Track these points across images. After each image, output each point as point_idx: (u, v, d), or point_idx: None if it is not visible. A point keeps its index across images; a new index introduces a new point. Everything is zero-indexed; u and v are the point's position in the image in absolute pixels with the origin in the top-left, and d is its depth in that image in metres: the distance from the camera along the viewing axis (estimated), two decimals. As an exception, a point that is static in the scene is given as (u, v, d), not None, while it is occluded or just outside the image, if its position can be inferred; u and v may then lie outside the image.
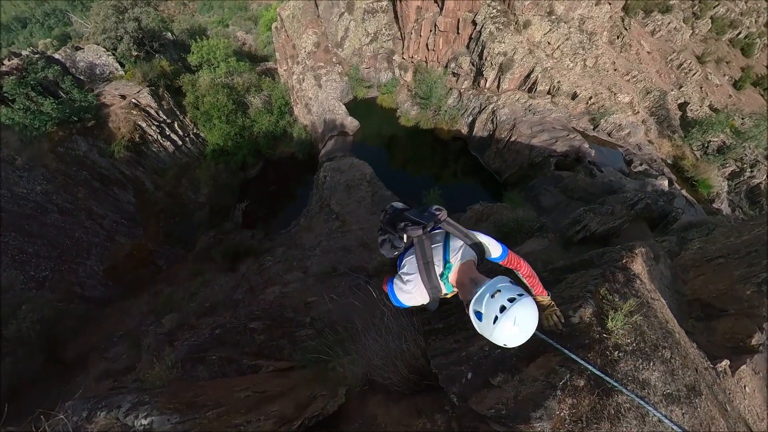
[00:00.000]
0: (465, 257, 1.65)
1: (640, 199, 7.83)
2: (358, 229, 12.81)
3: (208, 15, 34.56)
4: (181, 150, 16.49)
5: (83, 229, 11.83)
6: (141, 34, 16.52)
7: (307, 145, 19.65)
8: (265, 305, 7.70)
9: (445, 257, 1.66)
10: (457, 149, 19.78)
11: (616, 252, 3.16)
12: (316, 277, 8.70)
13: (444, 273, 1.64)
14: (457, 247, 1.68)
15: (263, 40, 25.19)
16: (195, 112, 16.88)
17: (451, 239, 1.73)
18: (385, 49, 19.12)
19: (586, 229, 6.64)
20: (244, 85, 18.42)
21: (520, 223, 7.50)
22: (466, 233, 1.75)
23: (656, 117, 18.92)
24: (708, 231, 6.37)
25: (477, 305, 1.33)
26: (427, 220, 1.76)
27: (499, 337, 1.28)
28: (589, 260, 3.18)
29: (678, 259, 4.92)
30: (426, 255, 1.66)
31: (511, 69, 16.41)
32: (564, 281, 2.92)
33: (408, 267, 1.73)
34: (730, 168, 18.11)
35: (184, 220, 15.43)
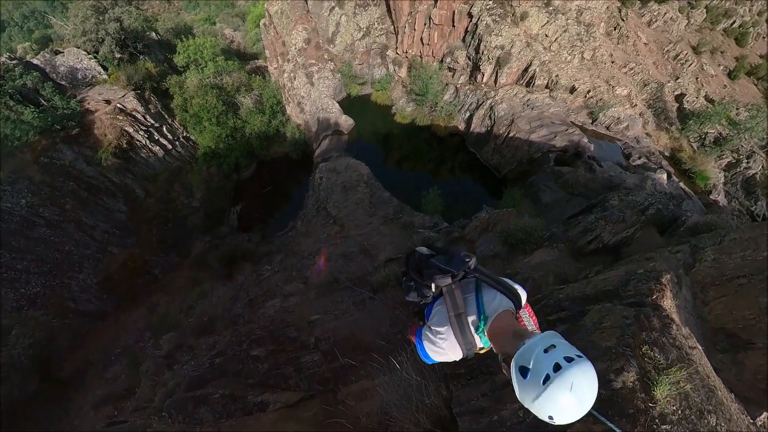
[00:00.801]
0: (500, 307, 1.54)
1: (650, 204, 7.66)
2: (358, 234, 12.52)
3: (194, 13, 33.39)
4: (171, 154, 15.98)
5: (73, 241, 11.42)
6: (123, 35, 15.80)
7: (301, 144, 19.21)
8: (266, 322, 7.46)
9: (479, 308, 1.56)
10: (454, 146, 19.51)
11: (643, 283, 2.99)
12: (317, 290, 8.45)
13: (479, 326, 1.52)
14: (492, 296, 1.59)
15: (252, 38, 24.41)
16: (184, 115, 16.32)
17: (483, 288, 1.63)
18: (378, 44, 18.60)
19: (598, 240, 6.46)
20: (233, 85, 17.83)
21: (529, 232, 7.26)
22: (498, 281, 1.64)
23: (653, 109, 18.90)
24: (720, 238, 6.21)
25: (522, 359, 1.14)
26: (456, 269, 1.64)
27: (546, 405, 1.03)
28: (614, 291, 3.03)
29: (694, 273, 4.74)
30: (457, 306, 1.55)
31: (509, 63, 16.06)
32: (588, 315, 2.75)
33: (438, 318, 1.64)
34: (726, 159, 18.24)
35: (178, 226, 15.04)
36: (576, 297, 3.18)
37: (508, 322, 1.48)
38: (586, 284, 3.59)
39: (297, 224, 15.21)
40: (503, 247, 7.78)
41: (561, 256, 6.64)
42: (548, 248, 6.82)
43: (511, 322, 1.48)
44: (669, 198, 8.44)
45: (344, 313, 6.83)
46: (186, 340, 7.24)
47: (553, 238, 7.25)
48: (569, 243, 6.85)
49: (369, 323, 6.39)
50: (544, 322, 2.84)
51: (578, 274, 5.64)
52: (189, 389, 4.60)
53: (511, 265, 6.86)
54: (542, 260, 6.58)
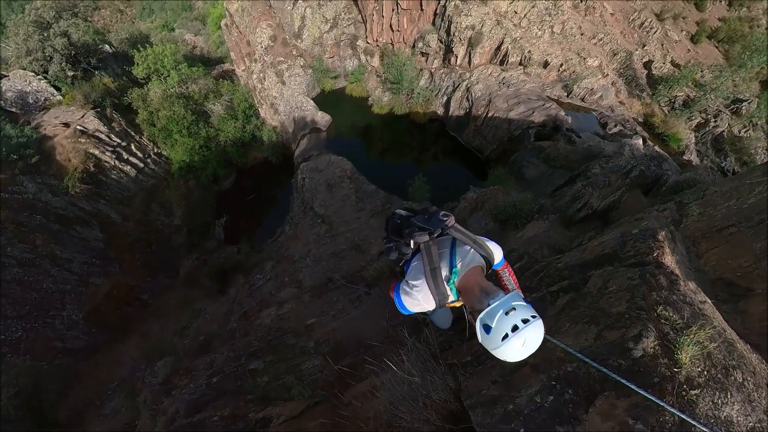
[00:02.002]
0: (472, 262, 1.64)
1: (633, 166, 7.76)
2: (347, 230, 12.36)
3: (150, 20, 31.62)
4: (144, 173, 15.24)
5: (50, 278, 10.79)
6: (73, 50, 14.76)
7: (279, 147, 18.69)
8: (263, 332, 7.25)
9: (451, 262, 1.65)
10: (434, 131, 19.36)
11: (641, 242, 2.94)
12: (311, 292, 8.27)
13: (450, 278, 1.62)
14: (465, 252, 1.68)
15: (215, 41, 23.35)
16: (152, 130, 15.53)
17: (458, 245, 1.71)
18: (347, 35, 18.08)
19: (587, 207, 6.49)
20: (201, 92, 17.07)
21: (518, 207, 7.25)
22: (474, 239, 1.73)
23: (624, 78, 19.33)
24: (702, 192, 6.32)
25: (488, 319, 1.33)
26: (434, 226, 1.74)
27: (502, 353, 1.31)
28: (613, 254, 2.96)
29: (683, 228, 4.77)
30: (433, 261, 1.65)
31: (481, 42, 15.90)
32: (591, 281, 2.65)
33: (414, 273, 1.72)
34: (696, 120, 18.93)
35: (162, 248, 14.46)
36: (575, 265, 3.12)
37: (477, 279, 1.55)
38: (583, 251, 3.55)
39: (285, 229, 14.88)
40: (494, 224, 7.74)
41: (552, 227, 6.63)
42: (539, 221, 6.82)
43: (479, 279, 1.56)
44: (650, 159, 8.59)
45: (341, 313, 6.68)
46: (182, 363, 6.95)
47: (543, 210, 7.26)
48: (559, 213, 6.88)
49: (367, 319, 6.26)
50: (547, 295, 2.73)
51: (571, 242, 5.66)
52: (187, 415, 4.38)
53: (504, 242, 6.87)
54: (534, 233, 6.56)
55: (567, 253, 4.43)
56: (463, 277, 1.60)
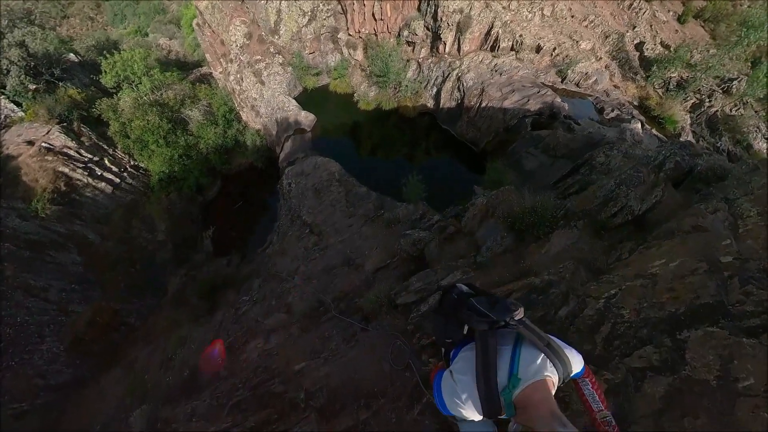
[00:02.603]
0: (540, 373, 1.28)
1: (666, 157, 6.91)
2: (338, 242, 11.62)
3: (123, 26, 30.01)
4: (121, 188, 14.44)
5: (25, 310, 10.17)
6: (33, 61, 13.69)
7: (264, 150, 17.85)
8: (249, 373, 6.66)
9: (512, 366, 1.31)
10: (425, 125, 18.53)
11: (755, 285, 2.06)
12: (300, 323, 7.65)
13: (507, 387, 1.28)
14: (532, 356, 1.34)
15: (191, 43, 22.08)
16: (126, 141, 14.64)
17: (524, 345, 1.37)
18: (327, 28, 16.97)
19: (626, 211, 5.67)
20: (176, 98, 16.09)
21: (540, 214, 6.27)
22: (549, 341, 1.37)
23: (618, 61, 18.88)
24: (748, 185, 5.50)
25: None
26: (498, 316, 1.42)
27: None
28: (716, 305, 2.08)
29: (744, 235, 3.79)
30: (489, 356, 1.32)
31: (470, 27, 14.93)
32: (689, 350, 1.86)
33: (462, 365, 1.44)
34: (690, 101, 18.70)
35: (147, 266, 13.82)
36: (656, 319, 2.21)
37: (545, 397, 1.24)
38: (645, 284, 2.66)
39: (273, 239, 14.23)
40: (509, 234, 6.77)
41: (582, 236, 5.68)
42: (565, 229, 5.89)
43: (549, 398, 1.24)
44: (681, 148, 7.76)
45: (335, 354, 6.03)
46: (160, 412, 6.42)
47: (569, 215, 6.41)
48: (588, 218, 6.04)
49: (367, 362, 5.59)
50: (627, 375, 1.91)
51: (608, 255, 4.85)
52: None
53: (526, 260, 6.09)
54: (562, 246, 5.68)
55: (610, 275, 3.64)
56: (527, 390, 1.26)
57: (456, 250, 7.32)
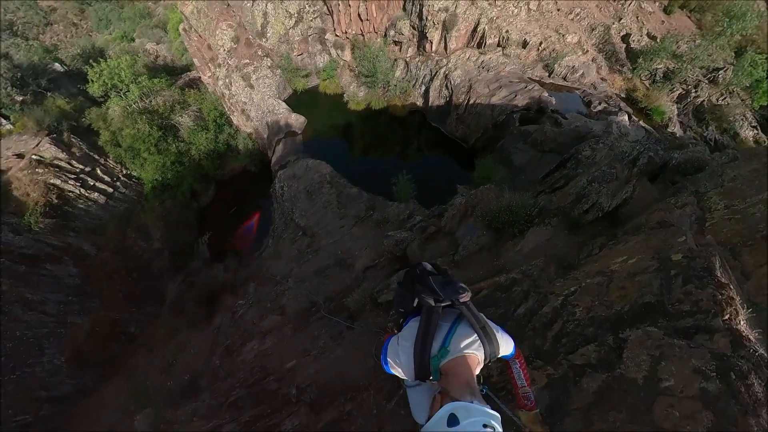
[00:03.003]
0: (468, 350, 1.44)
1: (640, 153, 7.14)
2: (330, 243, 11.82)
3: (108, 32, 29.43)
4: (115, 197, 14.47)
5: (23, 324, 10.26)
6: (19, 72, 13.61)
7: (256, 154, 17.89)
8: (246, 373, 6.91)
9: (445, 339, 1.48)
10: (416, 124, 18.64)
11: (696, 285, 2.16)
12: (293, 323, 7.89)
13: (437, 356, 1.45)
14: (464, 334, 1.50)
15: (178, 48, 21.82)
16: (117, 151, 14.64)
17: (461, 324, 1.54)
18: (314, 29, 16.96)
19: (596, 208, 5.89)
20: (165, 105, 16.06)
21: (515, 211, 6.58)
22: (484, 325, 1.51)
23: (604, 53, 18.92)
24: (719, 178, 5.69)
25: (462, 413, 1.12)
26: (446, 295, 1.59)
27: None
28: (657, 305, 2.22)
29: (710, 229, 4.05)
30: (429, 328, 1.49)
31: (456, 25, 15.00)
32: (627, 351, 1.96)
33: (407, 332, 1.60)
34: (677, 92, 18.82)
35: (144, 274, 13.92)
36: (602, 319, 2.37)
37: (466, 370, 1.39)
38: (601, 282, 2.78)
39: (269, 243, 14.37)
40: (487, 232, 7.10)
41: (556, 233, 5.98)
42: (540, 226, 6.18)
43: (469, 372, 1.40)
44: (656, 143, 7.97)
45: (324, 352, 6.30)
46: (163, 414, 6.64)
47: (544, 212, 6.61)
48: (562, 215, 6.21)
49: (353, 358, 5.86)
50: (567, 370, 2.07)
51: (580, 251, 5.09)
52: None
53: (501, 257, 6.30)
54: (536, 243, 5.95)
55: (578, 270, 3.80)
56: (452, 361, 1.42)
57: (437, 248, 7.58)
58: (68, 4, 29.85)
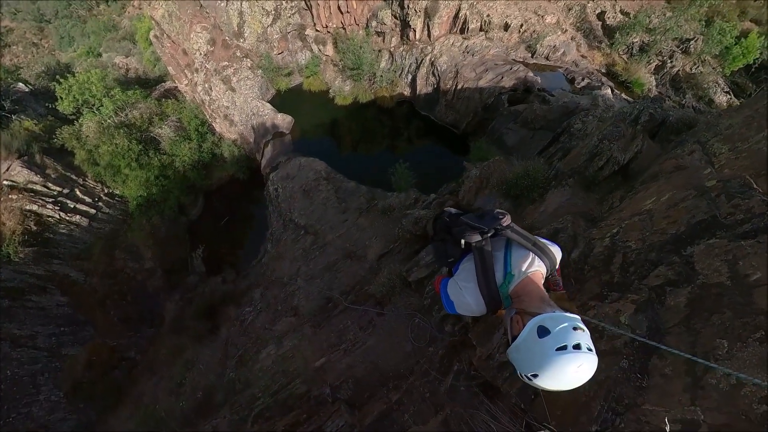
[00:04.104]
0: (532, 268, 1.47)
1: (640, 111, 7.23)
2: (336, 237, 11.45)
3: (72, 49, 27.89)
4: (98, 219, 13.60)
5: (14, 362, 9.43)
6: (-23, 94, 12.59)
7: (244, 160, 17.29)
8: (266, 380, 6.46)
9: (506, 267, 1.50)
10: (404, 113, 18.47)
11: (740, 197, 2.18)
12: (311, 321, 7.48)
13: (504, 284, 1.47)
14: (522, 255, 1.52)
15: (150, 58, 20.85)
16: (96, 169, 13.76)
17: (513, 247, 1.57)
18: (293, 26, 16.49)
19: (612, 162, 5.91)
20: (143, 117, 15.25)
21: (533, 176, 6.54)
22: (534, 241, 1.56)
23: (582, 31, 19.43)
24: (713, 128, 5.84)
25: (549, 322, 1.13)
26: (488, 225, 1.58)
27: (548, 366, 1.06)
28: (711, 221, 2.20)
29: (719, 169, 4.25)
30: (486, 263, 1.49)
31: (438, 12, 14.88)
32: (697, 262, 1.94)
33: (465, 274, 1.60)
34: (654, 63, 19.55)
35: (139, 296, 13.15)
36: (660, 243, 2.32)
37: (535, 287, 1.43)
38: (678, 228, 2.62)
39: (267, 247, 13.86)
40: (506, 201, 7.01)
41: (575, 192, 5.97)
42: (557, 188, 6.14)
43: (538, 288, 1.44)
44: (653, 101, 8.10)
45: (354, 344, 5.94)
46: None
47: (559, 175, 6.63)
48: (578, 175, 6.24)
49: (387, 346, 5.55)
50: (650, 293, 2.02)
51: (601, 206, 5.09)
52: None
53: (526, 220, 6.23)
54: (558, 204, 5.91)
55: (607, 221, 3.77)
56: (520, 283, 1.45)
57: (457, 222, 7.41)
58: (25, 24, 28.21)
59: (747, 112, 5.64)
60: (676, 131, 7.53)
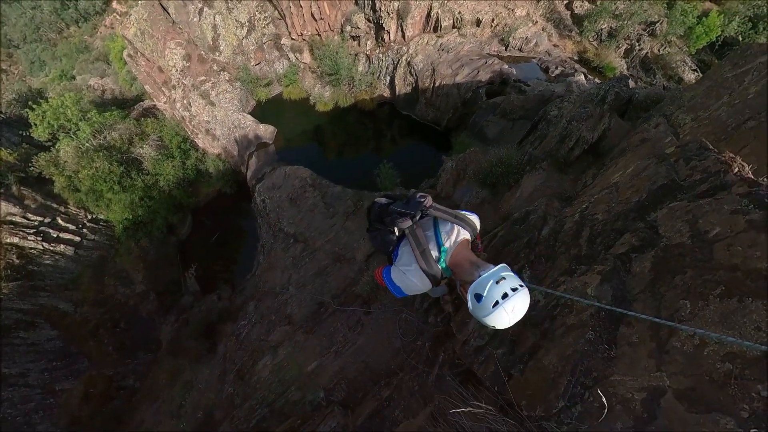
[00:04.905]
0: (458, 238, 1.69)
1: (606, 91, 7.48)
2: (325, 242, 11.44)
3: (44, 73, 27.14)
4: (84, 246, 13.27)
5: (6, 402, 9.10)
6: (-55, 128, 12.18)
7: (230, 174, 17.13)
8: (264, 391, 6.45)
9: (438, 242, 1.69)
10: (386, 115, 18.60)
11: (697, 159, 2.26)
12: (303, 327, 7.48)
13: (441, 257, 1.66)
14: (448, 229, 1.71)
15: (126, 78, 20.47)
16: (77, 195, 13.43)
17: (440, 224, 1.75)
18: (268, 36, 16.46)
19: (582, 142, 6.09)
20: (122, 138, 14.98)
21: (507, 164, 6.73)
22: (455, 214, 1.76)
23: (552, 22, 19.96)
24: (677, 101, 6.08)
25: (479, 288, 1.40)
26: (414, 209, 1.75)
27: (492, 320, 1.37)
28: (670, 185, 2.28)
29: (683, 139, 4.37)
30: (420, 243, 1.67)
31: (410, 12, 15.08)
32: (661, 226, 2.01)
33: (405, 258, 1.73)
34: (623, 47, 20.19)
35: (132, 322, 12.86)
36: (623, 212, 2.38)
37: (466, 254, 1.63)
38: (610, 191, 2.89)
39: (260, 259, 13.75)
40: (483, 189, 7.25)
41: (548, 175, 6.16)
42: (531, 173, 6.36)
43: (468, 253, 1.64)
44: (617, 81, 8.37)
45: (344, 345, 5.97)
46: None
47: (533, 159, 6.79)
48: (551, 158, 6.41)
49: (377, 344, 5.59)
50: (615, 262, 2.07)
51: (575, 186, 5.26)
52: None
53: (503, 208, 6.33)
54: (533, 187, 6.10)
55: (579, 199, 3.91)
56: (453, 254, 1.64)
57: (438, 214, 7.57)
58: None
59: (708, 83, 5.93)
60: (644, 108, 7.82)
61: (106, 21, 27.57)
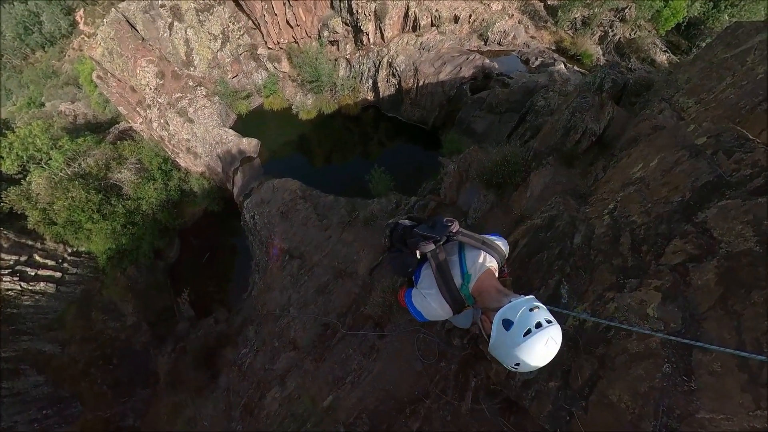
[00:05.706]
0: (485, 266, 1.60)
1: (603, 78, 7.36)
2: (323, 257, 11.00)
3: (11, 102, 25.90)
4: (66, 282, 12.55)
5: (-8, 460, 8.46)
6: None
7: (215, 192, 16.58)
8: (276, 428, 6.04)
9: (462, 268, 1.62)
10: (371, 118, 18.37)
11: (738, 150, 2.03)
12: (312, 354, 7.08)
13: (463, 284, 1.58)
14: (475, 256, 1.64)
15: (97, 101, 19.64)
16: (54, 229, 12.70)
17: (467, 249, 1.69)
18: (244, 47, 16.01)
19: (589, 134, 5.93)
20: (98, 164, 14.29)
21: (512, 162, 6.45)
22: (483, 240, 1.69)
23: (528, 14, 20.32)
24: (675, 84, 6.00)
25: (509, 313, 1.26)
26: (439, 234, 1.69)
27: (523, 353, 1.19)
28: (716, 182, 2.04)
29: (692, 122, 4.33)
30: (443, 268, 1.60)
31: (387, 13, 14.90)
32: (715, 228, 1.80)
33: (426, 282, 1.68)
34: (597, 34, 20.69)
35: (126, 357, 12.21)
36: (666, 213, 2.14)
37: (492, 282, 1.55)
38: (638, 188, 2.64)
39: (255, 278, 13.26)
40: (489, 191, 6.90)
41: (557, 170, 5.89)
42: (539, 169, 6.09)
43: (495, 282, 1.55)
44: (611, 67, 8.29)
45: (360, 374, 5.59)
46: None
47: (537, 155, 6.57)
48: (556, 152, 6.16)
49: (396, 369, 5.23)
50: (672, 273, 1.86)
51: (586, 180, 5.01)
52: None
53: (515, 209, 6.00)
54: (543, 185, 5.82)
55: (596, 195, 3.68)
56: (477, 281, 1.57)
57: (444, 221, 7.30)
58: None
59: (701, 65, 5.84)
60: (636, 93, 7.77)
61: (74, 43, 26.47)
